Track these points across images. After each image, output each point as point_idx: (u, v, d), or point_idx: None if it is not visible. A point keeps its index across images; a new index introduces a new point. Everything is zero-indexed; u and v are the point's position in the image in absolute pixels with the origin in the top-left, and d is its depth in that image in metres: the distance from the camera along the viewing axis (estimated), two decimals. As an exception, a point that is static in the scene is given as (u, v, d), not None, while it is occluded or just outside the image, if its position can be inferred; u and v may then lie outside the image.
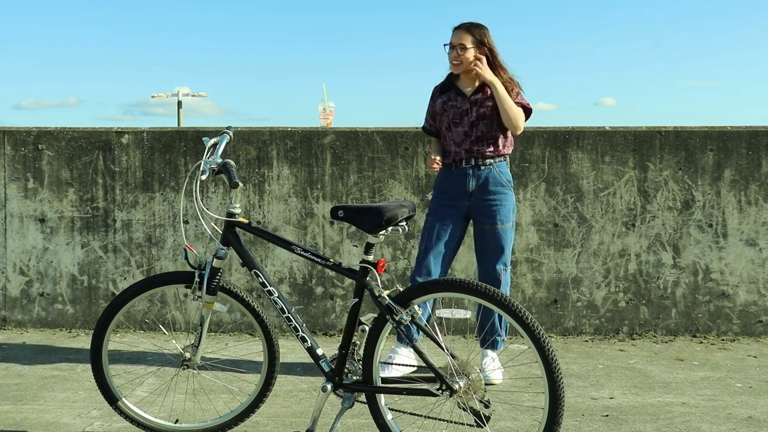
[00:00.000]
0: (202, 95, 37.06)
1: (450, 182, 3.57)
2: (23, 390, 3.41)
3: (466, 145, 3.52)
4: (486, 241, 3.54)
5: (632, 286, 4.48)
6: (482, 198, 3.52)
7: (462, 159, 3.53)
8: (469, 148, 3.51)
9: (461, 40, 3.52)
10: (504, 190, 3.54)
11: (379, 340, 2.40)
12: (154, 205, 4.62)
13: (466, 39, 3.52)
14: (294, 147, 4.56)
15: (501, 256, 3.53)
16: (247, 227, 2.59)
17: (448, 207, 3.56)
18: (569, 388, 3.41)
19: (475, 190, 3.52)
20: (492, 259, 3.53)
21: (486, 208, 3.52)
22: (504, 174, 3.55)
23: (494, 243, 3.52)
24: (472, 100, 3.54)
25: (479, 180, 3.52)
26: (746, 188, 4.45)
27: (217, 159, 2.58)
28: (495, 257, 3.53)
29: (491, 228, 3.51)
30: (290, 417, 3.01)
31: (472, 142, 3.51)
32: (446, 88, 3.65)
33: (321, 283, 4.56)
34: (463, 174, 3.54)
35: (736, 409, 3.13)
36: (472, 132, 3.51)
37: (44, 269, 4.67)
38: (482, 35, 3.54)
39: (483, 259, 3.57)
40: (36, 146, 4.67)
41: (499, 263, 3.53)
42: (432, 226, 3.55)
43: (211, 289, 2.60)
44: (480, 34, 3.54)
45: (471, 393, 2.29)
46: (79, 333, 4.58)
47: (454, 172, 3.56)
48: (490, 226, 3.51)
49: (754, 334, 4.46)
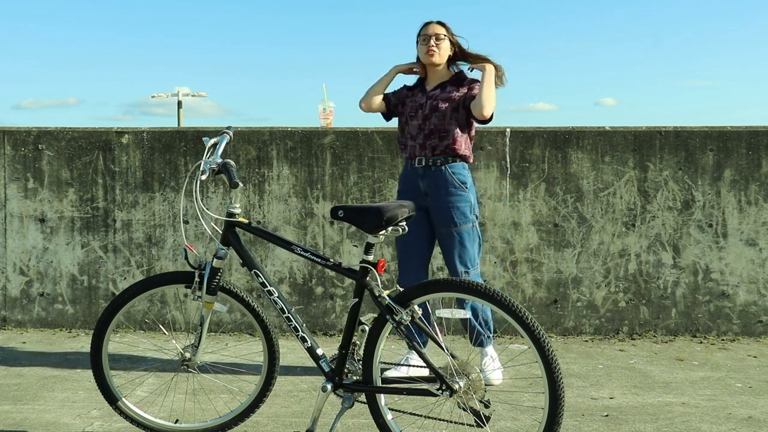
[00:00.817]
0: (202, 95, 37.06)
1: (408, 180, 3.57)
2: (23, 390, 3.41)
3: (420, 138, 3.51)
4: (446, 245, 3.51)
5: (632, 286, 4.48)
6: (436, 200, 3.48)
7: (416, 156, 3.52)
8: (422, 142, 3.50)
9: (436, 30, 3.55)
10: (457, 191, 3.46)
11: (379, 340, 2.40)
12: (154, 205, 4.62)
13: (440, 30, 3.56)
14: (294, 147, 4.56)
15: (461, 258, 3.47)
16: (247, 227, 2.59)
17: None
18: (569, 388, 3.41)
19: (427, 190, 3.50)
20: (453, 262, 3.49)
21: (441, 211, 3.47)
22: (458, 175, 3.47)
23: (453, 246, 3.47)
24: (429, 94, 3.57)
25: (432, 180, 3.48)
26: (746, 188, 4.45)
27: (217, 159, 2.58)
28: (456, 260, 3.48)
29: (447, 231, 3.47)
30: (290, 417, 3.01)
31: (425, 136, 3.49)
32: (414, 86, 3.70)
33: (321, 283, 4.56)
34: (416, 174, 3.53)
35: (736, 409, 3.13)
36: (425, 125, 3.51)
37: (44, 269, 4.67)
38: (450, 30, 3.61)
39: (447, 262, 3.55)
40: (36, 146, 4.67)
41: (459, 266, 3.47)
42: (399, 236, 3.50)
43: (211, 289, 2.60)
44: (449, 28, 3.61)
45: (471, 393, 2.29)
46: (79, 333, 4.58)
47: (409, 170, 3.56)
48: (447, 229, 3.47)
49: (754, 334, 4.46)
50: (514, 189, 4.48)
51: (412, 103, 3.60)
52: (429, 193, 3.50)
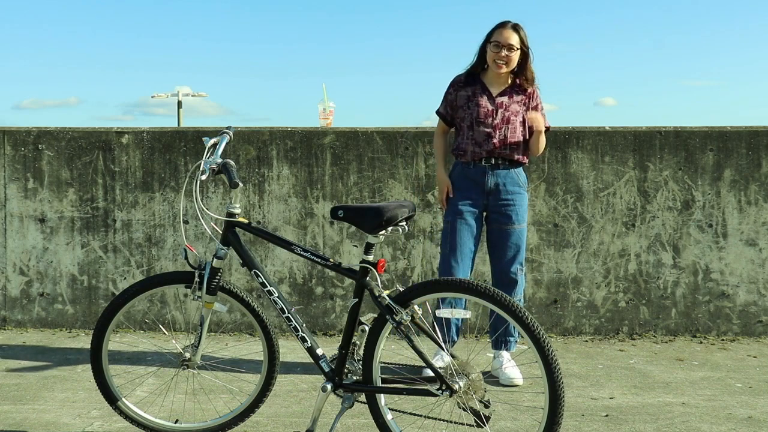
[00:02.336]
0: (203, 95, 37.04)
1: (468, 179, 3.54)
2: (23, 390, 3.41)
3: (487, 146, 3.48)
4: (503, 242, 3.53)
5: (632, 286, 4.48)
6: (499, 198, 3.51)
7: (482, 158, 3.51)
8: (490, 149, 3.48)
9: (510, 40, 3.46)
10: (520, 190, 3.55)
11: (379, 341, 2.40)
12: (154, 205, 4.62)
13: (514, 39, 3.47)
14: (294, 147, 4.56)
15: (518, 256, 3.55)
16: (247, 227, 2.59)
17: (468, 204, 3.53)
18: (569, 388, 3.41)
19: (492, 188, 3.51)
20: (510, 259, 3.54)
21: (503, 208, 3.51)
22: (521, 175, 3.58)
23: (511, 243, 3.52)
24: (497, 102, 3.51)
25: (497, 179, 3.51)
26: (746, 188, 4.45)
27: (217, 159, 2.58)
28: (512, 257, 3.54)
29: (509, 228, 3.51)
30: (290, 417, 3.01)
31: (494, 144, 3.48)
32: (471, 81, 3.59)
33: (321, 283, 4.56)
34: (482, 172, 3.51)
35: (736, 409, 3.13)
36: (495, 134, 3.48)
37: (44, 269, 4.67)
38: (526, 37, 3.51)
39: (499, 259, 3.56)
40: (36, 146, 4.67)
41: (515, 263, 3.54)
42: (453, 226, 3.50)
43: (211, 289, 2.60)
44: (524, 35, 3.51)
45: (471, 393, 2.29)
46: (79, 333, 4.58)
47: (472, 170, 3.53)
48: (508, 226, 3.51)
49: (754, 334, 4.45)
50: (514, 189, 4.48)
51: (477, 107, 3.51)
52: (493, 192, 3.51)
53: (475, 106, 3.51)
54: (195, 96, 36.35)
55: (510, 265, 3.53)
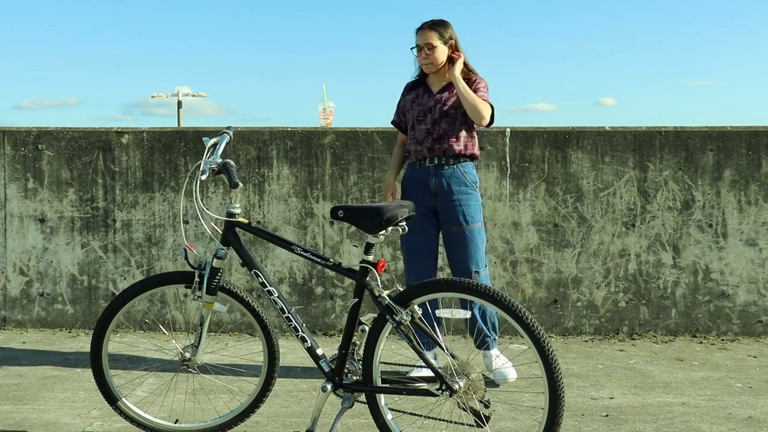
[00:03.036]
0: (203, 95, 37.03)
1: (416, 181, 3.52)
2: (23, 390, 3.41)
3: (428, 143, 3.47)
4: (455, 244, 3.47)
5: (632, 286, 4.48)
6: (447, 199, 3.45)
7: (425, 157, 3.49)
8: (430, 146, 3.46)
9: (427, 40, 3.48)
10: (468, 190, 3.47)
11: (379, 340, 2.40)
12: (154, 205, 4.62)
13: (432, 38, 3.48)
14: (294, 147, 4.56)
15: (472, 258, 3.45)
16: (247, 227, 2.59)
17: (418, 206, 3.42)
18: (569, 388, 3.41)
19: (438, 189, 3.46)
20: (464, 262, 3.45)
21: (451, 210, 3.45)
22: (468, 174, 3.48)
23: (464, 245, 3.45)
24: (436, 98, 3.52)
25: (442, 179, 3.46)
26: (746, 188, 4.45)
27: (217, 159, 2.58)
28: (466, 260, 3.45)
29: (459, 230, 3.44)
30: (290, 417, 3.01)
31: (434, 140, 3.46)
32: (416, 85, 3.63)
33: (321, 283, 4.56)
34: (426, 172, 3.48)
35: (736, 409, 3.13)
36: (434, 130, 3.47)
37: (44, 269, 4.67)
38: (445, 31, 3.51)
39: (454, 263, 3.50)
40: (36, 146, 4.67)
41: (471, 265, 3.45)
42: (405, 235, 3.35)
43: (211, 289, 2.60)
44: (443, 30, 3.51)
45: (471, 393, 2.29)
46: (79, 333, 4.58)
47: (418, 170, 3.51)
48: (457, 228, 3.44)
49: (754, 334, 4.45)
50: (514, 189, 4.48)
51: (419, 107, 3.53)
52: (439, 193, 3.46)
53: (417, 106, 3.55)
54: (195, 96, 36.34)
55: (465, 268, 3.45)
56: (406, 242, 3.56)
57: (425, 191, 3.48)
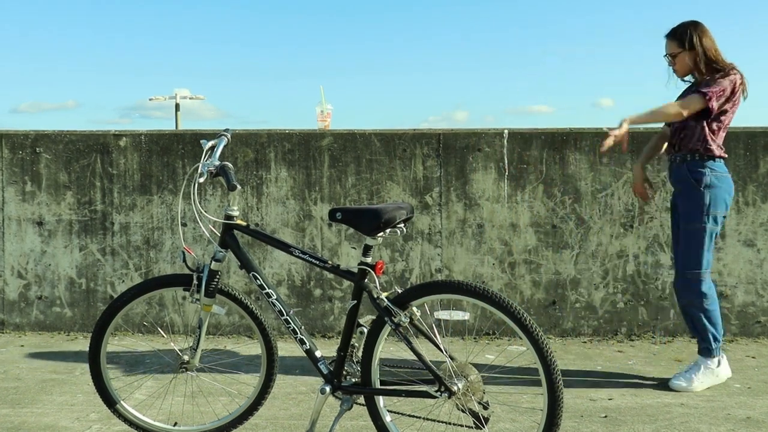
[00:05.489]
0: (200, 98, 37.08)
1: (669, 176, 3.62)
2: (21, 393, 3.41)
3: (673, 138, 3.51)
4: (679, 241, 3.50)
5: (630, 287, 4.48)
6: (676, 194, 3.53)
7: (671, 153, 3.54)
8: (671, 141, 3.54)
9: (668, 50, 3.54)
10: (689, 188, 3.41)
11: (377, 343, 2.40)
12: (152, 208, 4.61)
13: (671, 47, 3.52)
14: (292, 149, 4.56)
15: (687, 259, 3.41)
16: (245, 230, 2.59)
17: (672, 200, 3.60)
18: (568, 389, 3.40)
19: (673, 183, 3.54)
20: (680, 260, 3.46)
21: (678, 205, 3.50)
22: (693, 173, 3.39)
23: (683, 243, 3.45)
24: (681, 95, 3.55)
25: (673, 175, 3.51)
26: (744, 189, 4.45)
27: (215, 161, 2.58)
28: (682, 259, 3.44)
29: (683, 226, 3.44)
30: (289, 419, 3.01)
31: (672, 133, 3.52)
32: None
33: (319, 286, 4.55)
34: (669, 168, 3.58)
35: (735, 410, 3.13)
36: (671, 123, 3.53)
37: (42, 272, 4.67)
38: (683, 35, 3.48)
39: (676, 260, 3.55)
40: (34, 149, 4.67)
41: (685, 266, 3.42)
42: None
43: (209, 292, 2.60)
44: (682, 34, 3.48)
45: (470, 395, 2.29)
46: (77, 336, 4.58)
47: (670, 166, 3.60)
48: (683, 224, 3.45)
49: (753, 334, 4.46)
50: (512, 190, 4.49)
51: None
52: (675, 189, 3.55)
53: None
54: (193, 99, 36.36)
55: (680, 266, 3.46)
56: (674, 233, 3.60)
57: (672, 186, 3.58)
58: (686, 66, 3.51)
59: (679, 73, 3.57)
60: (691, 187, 3.40)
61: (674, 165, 3.50)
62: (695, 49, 3.46)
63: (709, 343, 3.44)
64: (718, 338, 3.45)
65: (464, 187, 4.50)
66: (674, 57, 3.52)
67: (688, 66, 3.51)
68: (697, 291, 3.38)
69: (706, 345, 3.44)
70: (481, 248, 4.49)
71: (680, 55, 3.50)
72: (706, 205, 3.36)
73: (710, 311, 3.41)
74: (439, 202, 4.51)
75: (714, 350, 3.44)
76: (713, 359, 3.45)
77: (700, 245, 3.38)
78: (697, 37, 3.46)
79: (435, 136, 4.53)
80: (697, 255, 3.38)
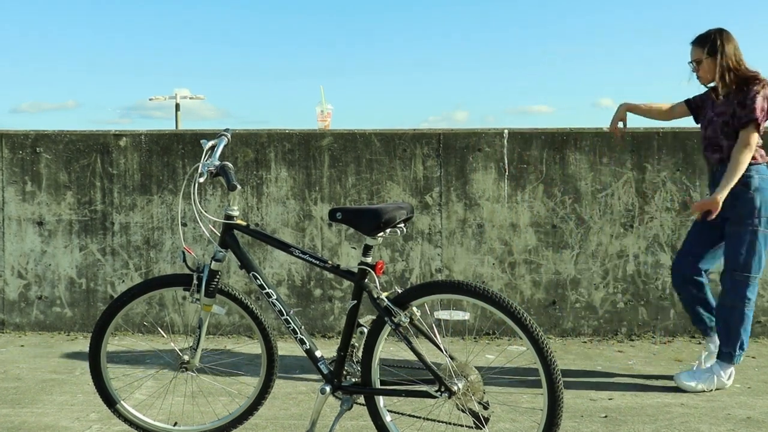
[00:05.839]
0: (200, 98, 37.09)
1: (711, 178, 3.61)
2: (21, 393, 3.41)
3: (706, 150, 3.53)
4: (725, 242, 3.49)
5: (631, 287, 4.48)
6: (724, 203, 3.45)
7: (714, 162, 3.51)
8: (703, 153, 3.56)
9: (693, 57, 3.54)
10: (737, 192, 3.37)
11: (377, 342, 2.40)
12: (152, 208, 4.62)
13: (697, 53, 3.51)
14: (292, 149, 4.56)
15: (736, 261, 3.40)
16: (245, 229, 2.59)
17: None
18: (568, 389, 3.41)
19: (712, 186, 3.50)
20: (729, 262, 3.45)
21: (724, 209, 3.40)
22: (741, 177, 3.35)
23: (732, 245, 3.43)
24: (714, 107, 3.51)
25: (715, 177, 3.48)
26: (744, 189, 4.45)
27: (215, 161, 2.58)
28: (731, 261, 3.43)
29: (732, 229, 3.43)
30: (289, 419, 3.01)
31: (704, 148, 3.53)
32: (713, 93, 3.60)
33: (319, 285, 4.55)
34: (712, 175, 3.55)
35: (735, 410, 3.13)
36: (705, 134, 3.53)
37: (42, 272, 4.67)
38: (708, 42, 3.47)
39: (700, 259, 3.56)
40: (34, 149, 4.67)
41: (725, 267, 3.45)
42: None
43: (210, 292, 2.60)
44: (706, 41, 3.48)
45: (470, 394, 2.29)
46: (77, 336, 4.58)
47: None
48: (732, 227, 3.43)
49: (753, 334, 4.45)
50: (512, 190, 4.49)
51: (704, 114, 3.59)
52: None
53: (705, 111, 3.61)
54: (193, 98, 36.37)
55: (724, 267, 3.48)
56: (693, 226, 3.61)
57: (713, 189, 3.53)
58: (710, 73, 3.49)
59: (702, 79, 3.55)
60: (739, 192, 3.38)
61: (718, 173, 3.44)
62: (719, 56, 3.46)
63: (733, 349, 3.43)
64: (745, 347, 3.46)
65: (464, 187, 4.50)
66: (699, 63, 3.51)
67: (712, 73, 3.49)
68: (743, 294, 3.40)
69: (730, 350, 3.44)
70: (481, 248, 4.50)
71: (705, 61, 3.48)
72: (757, 208, 3.36)
73: (747, 317, 3.42)
74: (439, 202, 4.51)
75: (736, 357, 3.44)
76: (731, 367, 3.45)
77: (752, 248, 3.38)
78: (721, 44, 3.46)
79: (435, 136, 4.53)
80: (749, 258, 3.38)
